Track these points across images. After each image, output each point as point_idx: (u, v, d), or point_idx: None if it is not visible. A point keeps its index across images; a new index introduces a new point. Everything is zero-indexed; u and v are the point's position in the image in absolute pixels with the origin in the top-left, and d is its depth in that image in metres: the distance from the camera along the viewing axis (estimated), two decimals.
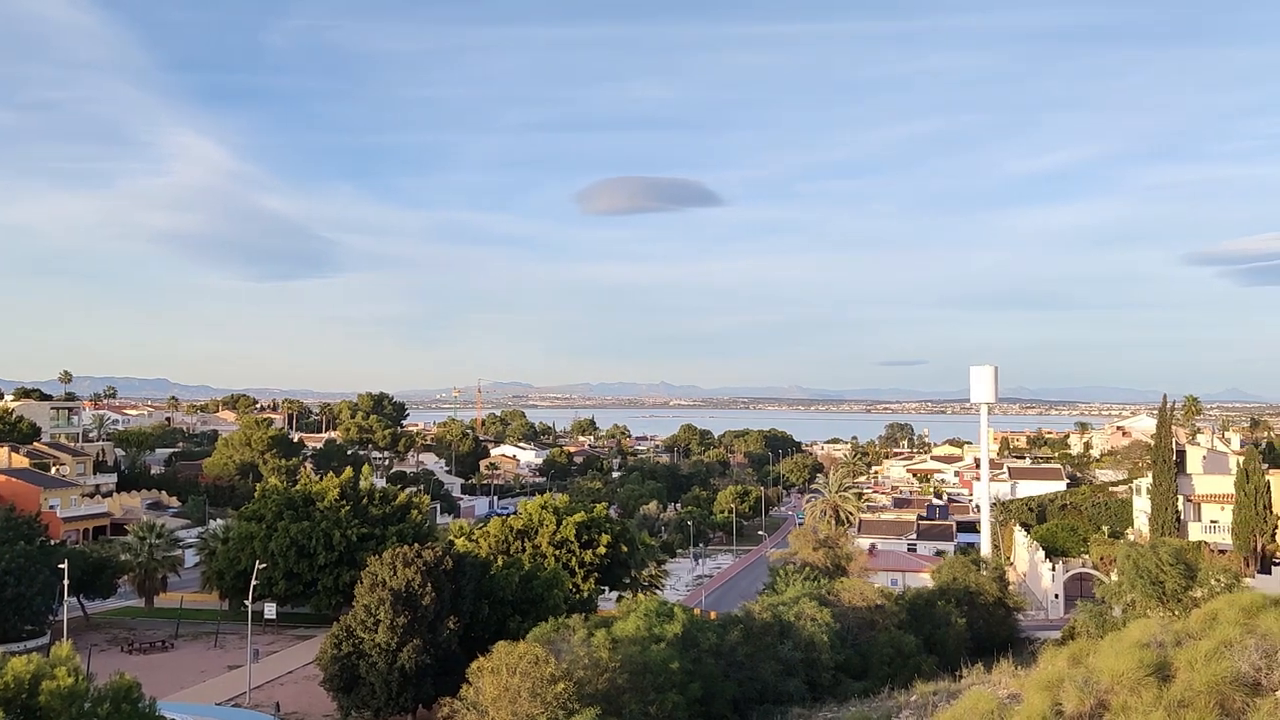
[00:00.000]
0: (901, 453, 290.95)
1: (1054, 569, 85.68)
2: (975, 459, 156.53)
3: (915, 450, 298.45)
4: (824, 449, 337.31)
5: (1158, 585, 46.94)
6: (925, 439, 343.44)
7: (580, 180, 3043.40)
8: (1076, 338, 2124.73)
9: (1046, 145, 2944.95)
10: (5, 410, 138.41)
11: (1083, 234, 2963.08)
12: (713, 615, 49.49)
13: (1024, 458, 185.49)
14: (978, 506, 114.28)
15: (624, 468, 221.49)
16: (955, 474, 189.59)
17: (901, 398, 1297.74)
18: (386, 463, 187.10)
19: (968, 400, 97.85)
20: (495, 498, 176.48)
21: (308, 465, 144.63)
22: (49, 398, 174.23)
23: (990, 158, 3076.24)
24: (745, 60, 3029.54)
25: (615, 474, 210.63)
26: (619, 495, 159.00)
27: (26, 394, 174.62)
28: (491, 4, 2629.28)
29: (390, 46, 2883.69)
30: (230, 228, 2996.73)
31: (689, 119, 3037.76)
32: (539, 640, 34.96)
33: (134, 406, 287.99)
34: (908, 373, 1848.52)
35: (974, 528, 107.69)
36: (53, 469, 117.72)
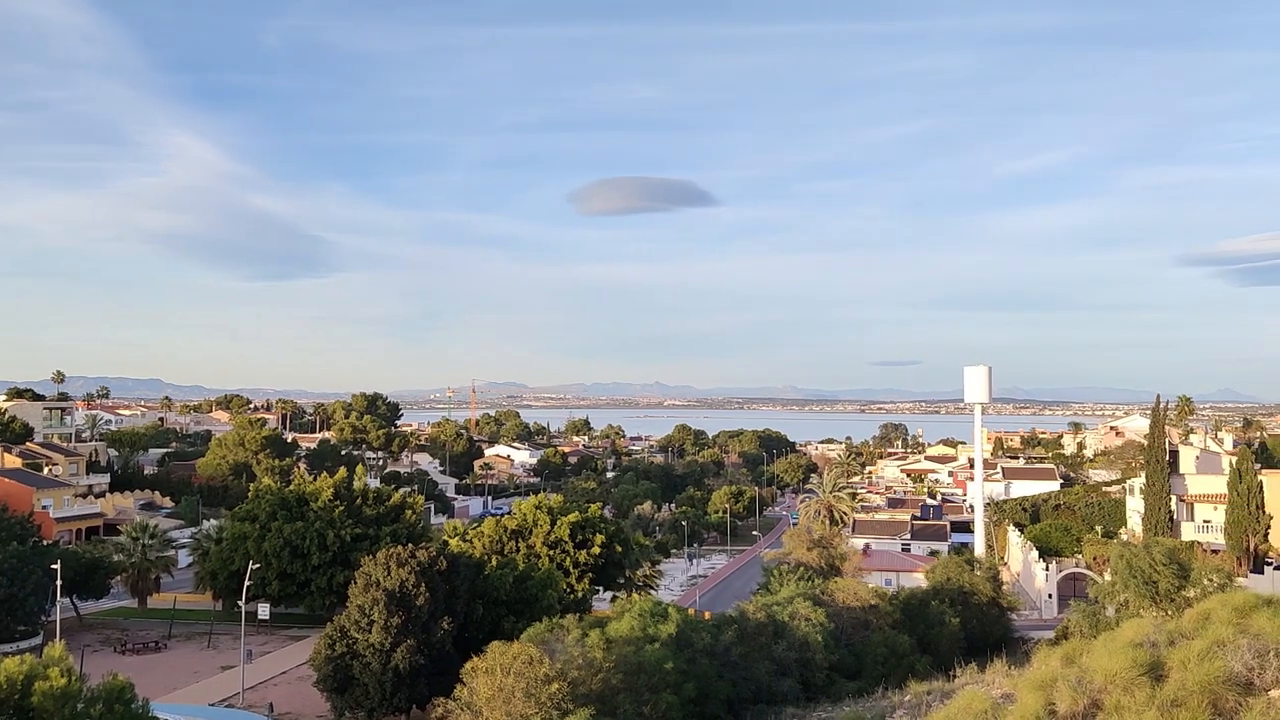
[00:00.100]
0: (896, 453, 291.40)
1: (1047, 569, 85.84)
2: (969, 459, 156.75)
3: (909, 450, 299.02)
4: (818, 449, 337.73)
5: (1151, 585, 47.06)
6: (919, 439, 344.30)
7: (574, 180, 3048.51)
8: (1070, 338, 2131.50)
9: (1038, 146, 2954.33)
10: None
11: (1075, 235, 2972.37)
12: (707, 615, 49.49)
13: (1018, 458, 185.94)
14: (971, 506, 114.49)
15: (618, 468, 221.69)
16: (949, 474, 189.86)
17: (895, 398, 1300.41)
18: (380, 463, 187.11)
19: (962, 400, 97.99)
20: (489, 498, 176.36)
21: (301, 465, 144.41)
22: (42, 398, 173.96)
23: (983, 159, 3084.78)
24: (738, 61, 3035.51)
25: (610, 474, 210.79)
26: (613, 495, 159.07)
27: (19, 394, 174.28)
28: (485, 4, 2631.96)
29: (384, 46, 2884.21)
30: (224, 228, 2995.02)
31: (683, 119, 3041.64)
32: (533, 640, 34.94)
33: (127, 407, 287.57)
34: (902, 373, 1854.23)
35: (968, 528, 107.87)
36: (45, 469, 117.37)
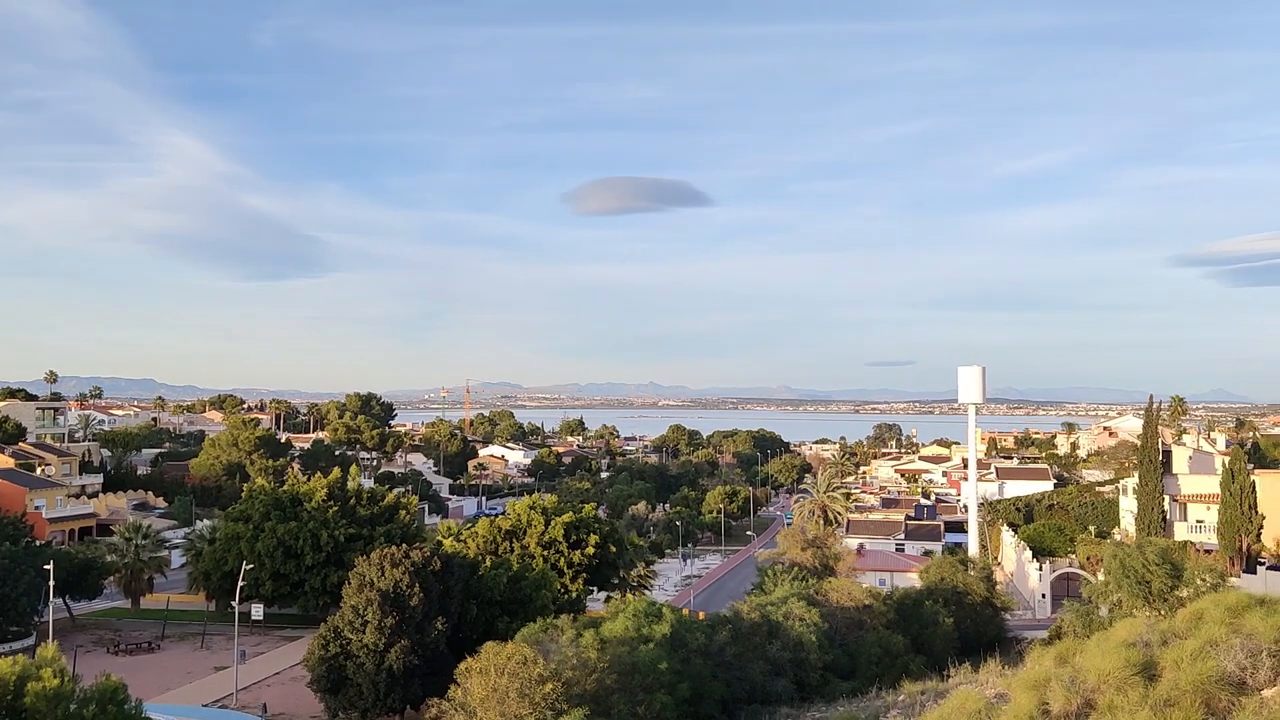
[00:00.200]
0: (889, 453, 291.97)
1: (1041, 569, 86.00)
2: (963, 459, 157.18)
3: (903, 450, 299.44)
4: (812, 449, 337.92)
5: (1144, 585, 47.15)
6: (913, 439, 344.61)
7: (569, 180, 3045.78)
8: (1063, 338, 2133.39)
9: (1033, 147, 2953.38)
10: None
11: (1070, 235, 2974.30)
12: (701, 615, 49.52)
13: (1011, 458, 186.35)
14: (965, 506, 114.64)
15: (612, 468, 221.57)
16: (943, 474, 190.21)
17: (889, 398, 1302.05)
18: (374, 463, 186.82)
19: (955, 400, 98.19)
20: (483, 498, 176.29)
21: (295, 466, 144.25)
22: (35, 398, 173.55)
23: (978, 159, 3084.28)
24: (734, 61, 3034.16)
25: (604, 474, 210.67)
26: (607, 496, 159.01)
27: (12, 394, 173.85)
28: (480, 4, 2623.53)
29: (379, 46, 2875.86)
30: (218, 227, 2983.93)
31: (678, 119, 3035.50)
32: (527, 641, 34.94)
33: (120, 407, 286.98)
34: (896, 373, 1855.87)
35: (961, 528, 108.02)
36: (38, 469, 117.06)
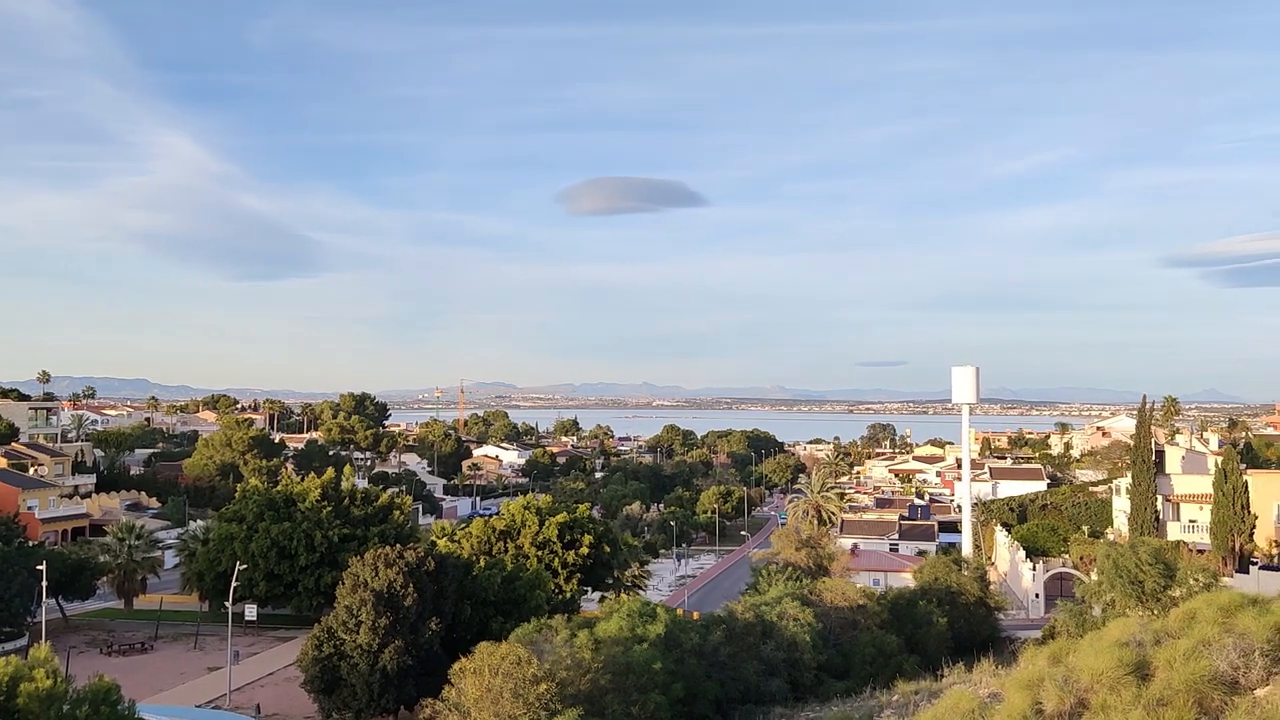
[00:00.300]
0: (883, 453, 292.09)
1: (1034, 569, 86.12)
2: (957, 459, 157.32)
3: (897, 450, 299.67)
4: (806, 449, 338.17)
5: (1137, 585, 47.25)
6: (907, 439, 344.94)
7: (563, 181, 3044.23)
8: (1057, 339, 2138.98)
9: (1027, 148, 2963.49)
10: None
11: (1063, 236, 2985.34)
12: (695, 615, 49.50)
13: (1005, 458, 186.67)
14: (959, 506, 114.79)
15: (607, 468, 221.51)
16: (937, 474, 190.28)
17: (883, 398, 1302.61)
18: (368, 463, 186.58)
19: (949, 401, 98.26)
20: (478, 498, 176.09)
21: (289, 466, 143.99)
22: (27, 398, 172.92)
23: (971, 160, 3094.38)
24: (727, 61, 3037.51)
25: (598, 474, 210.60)
26: (602, 496, 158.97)
27: (4, 394, 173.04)
28: (473, 4, 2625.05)
29: (371, 46, 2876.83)
30: (210, 227, 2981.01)
31: (671, 120, 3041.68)
32: (521, 641, 34.91)
33: (113, 407, 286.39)
34: (890, 373, 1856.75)
35: (955, 528, 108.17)
36: (31, 469, 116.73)
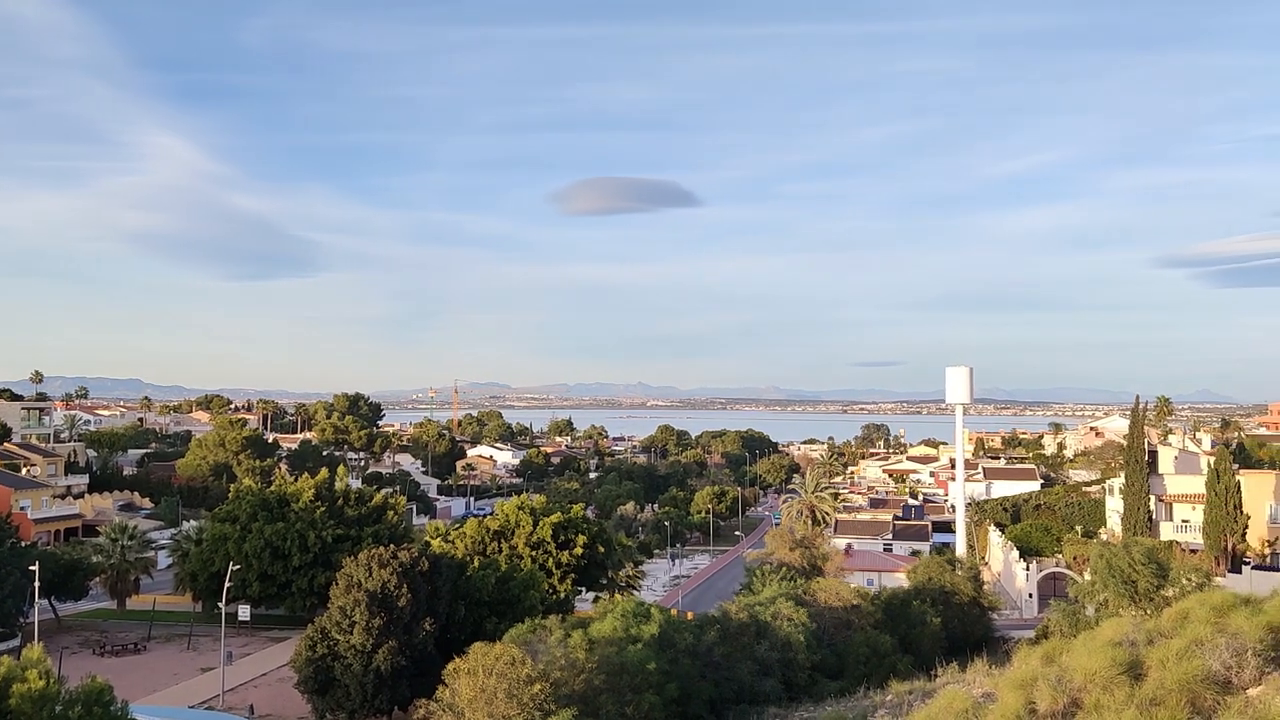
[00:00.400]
0: (878, 453, 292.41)
1: (1028, 568, 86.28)
2: (950, 459, 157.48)
3: (891, 451, 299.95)
4: (800, 449, 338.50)
5: (1130, 584, 47.36)
6: (901, 439, 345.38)
7: (557, 181, 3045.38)
8: (1051, 339, 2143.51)
9: (1022, 148, 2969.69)
10: None
11: (1057, 236, 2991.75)
12: (690, 615, 49.51)
13: (999, 458, 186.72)
14: (953, 506, 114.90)
15: (601, 468, 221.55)
16: (931, 474, 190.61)
17: (877, 398, 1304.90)
18: (362, 463, 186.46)
19: (943, 401, 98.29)
20: (472, 498, 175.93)
21: (282, 466, 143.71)
22: (20, 398, 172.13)
23: (966, 160, 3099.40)
24: (722, 62, 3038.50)
25: (592, 475, 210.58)
26: (596, 496, 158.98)
27: None
28: (467, 4, 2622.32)
29: (366, 46, 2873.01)
30: (204, 227, 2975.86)
31: (666, 120, 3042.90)
32: (515, 641, 34.90)
33: (106, 407, 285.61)
34: (884, 373, 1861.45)
35: (949, 528, 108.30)
36: (23, 470, 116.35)
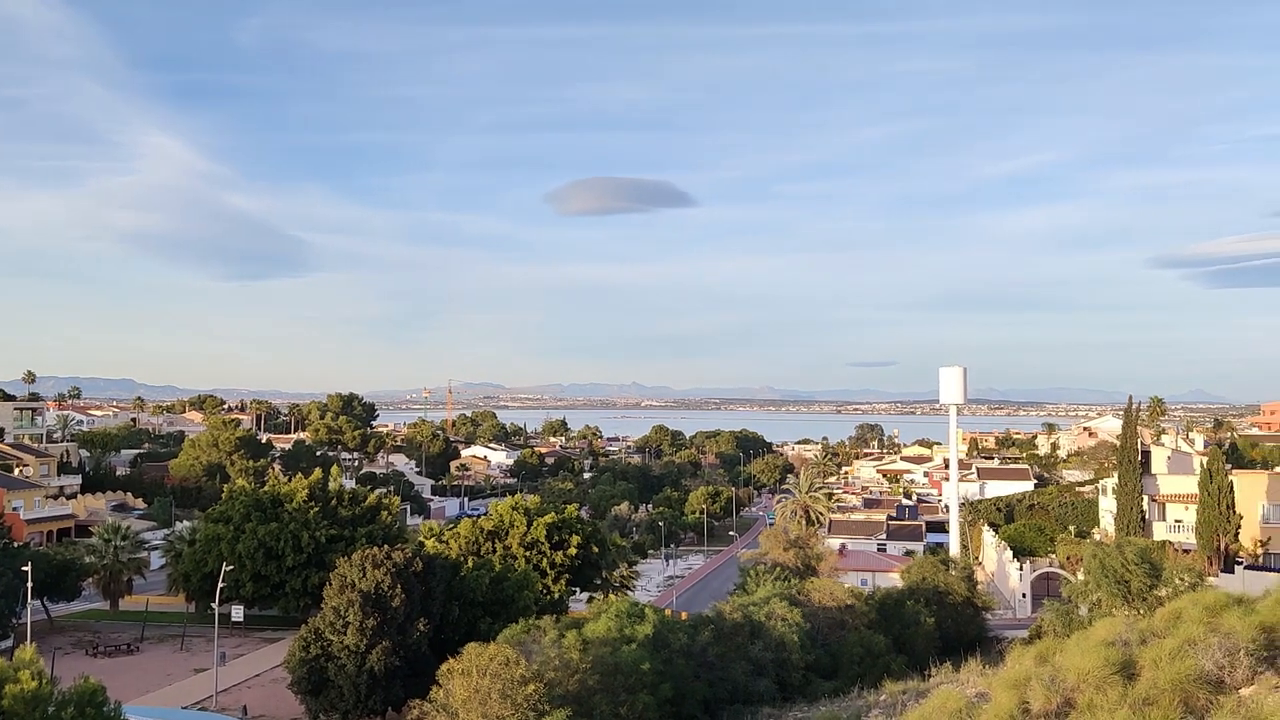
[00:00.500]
0: (871, 453, 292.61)
1: (1021, 568, 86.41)
2: (944, 459, 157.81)
3: (885, 451, 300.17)
4: (795, 450, 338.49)
5: (1123, 584, 47.48)
6: (895, 440, 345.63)
7: (553, 181, 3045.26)
8: (1044, 339, 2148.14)
9: (1016, 149, 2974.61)
10: None
11: (1051, 236, 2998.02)
12: (684, 616, 49.51)
13: (992, 458, 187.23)
14: (947, 507, 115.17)
15: (595, 469, 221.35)
16: (924, 474, 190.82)
17: (871, 399, 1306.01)
18: (356, 464, 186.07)
19: (937, 401, 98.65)
20: (466, 499, 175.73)
21: (276, 466, 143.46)
22: (12, 398, 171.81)
23: (961, 161, 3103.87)
24: (718, 62, 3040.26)
25: (586, 475, 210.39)
26: (590, 496, 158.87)
27: None
28: (463, 4, 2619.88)
29: (361, 46, 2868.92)
30: (199, 227, 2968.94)
31: (661, 120, 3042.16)
32: (510, 641, 34.88)
33: (99, 407, 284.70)
34: (878, 374, 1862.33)
35: (943, 528, 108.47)
36: (16, 470, 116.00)
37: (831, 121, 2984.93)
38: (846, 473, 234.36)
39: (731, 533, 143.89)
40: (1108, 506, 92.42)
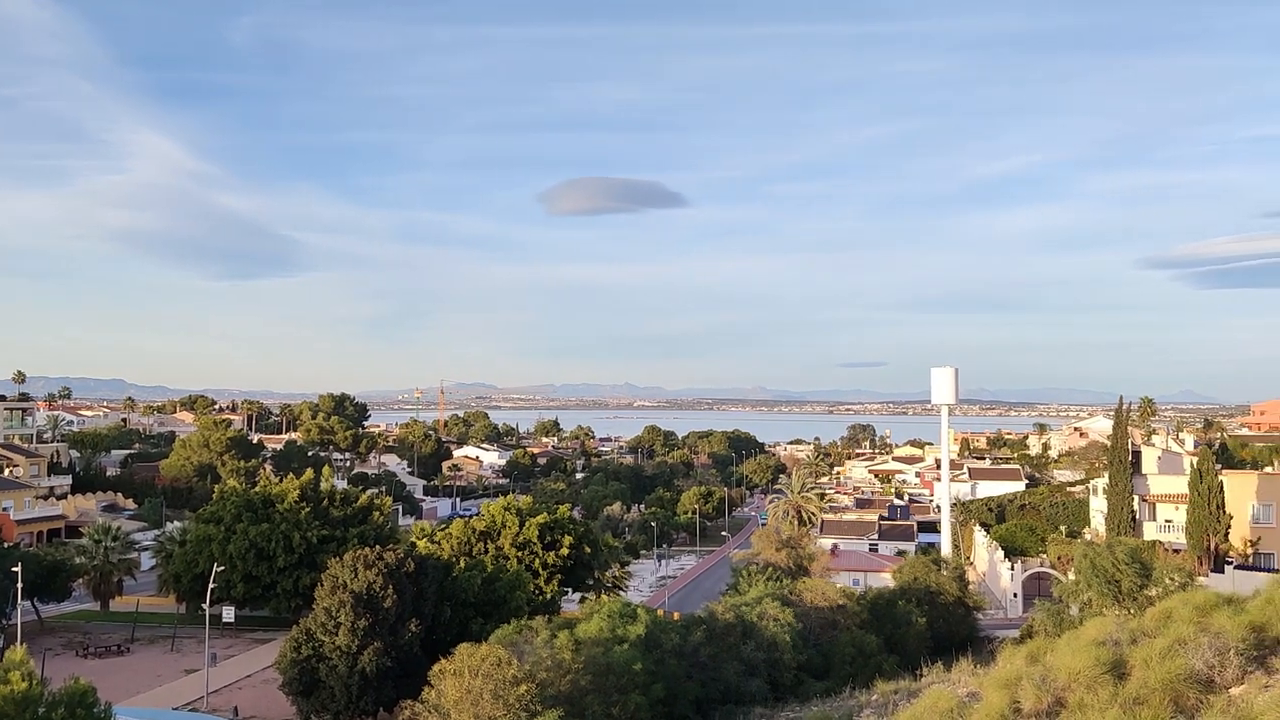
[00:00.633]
0: (863, 453, 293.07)
1: (1013, 568, 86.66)
2: (936, 460, 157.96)
3: (877, 451, 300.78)
4: (787, 450, 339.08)
5: (1114, 584, 47.57)
6: (887, 440, 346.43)
7: (544, 181, 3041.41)
8: (1035, 340, 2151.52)
9: (1007, 149, 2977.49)
10: None
11: (1041, 237, 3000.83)
12: (676, 616, 49.51)
13: (984, 458, 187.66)
14: (938, 507, 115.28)
15: (588, 469, 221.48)
16: (916, 474, 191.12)
17: (863, 399, 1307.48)
18: (348, 464, 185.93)
19: (928, 401, 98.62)
20: (458, 499, 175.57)
21: (267, 467, 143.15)
22: (3, 398, 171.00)
23: (952, 161, 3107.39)
24: (709, 62, 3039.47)
25: (579, 475, 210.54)
26: (582, 496, 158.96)
27: None
28: (455, 3, 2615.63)
29: (352, 45, 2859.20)
30: (189, 226, 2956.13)
31: (652, 120, 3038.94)
32: (502, 642, 34.84)
33: (89, 407, 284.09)
34: (870, 374, 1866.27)
35: (935, 528, 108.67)
36: (6, 470, 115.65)
37: (822, 122, 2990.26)
38: (839, 473, 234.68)
39: (724, 533, 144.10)
40: (1098, 506, 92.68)
